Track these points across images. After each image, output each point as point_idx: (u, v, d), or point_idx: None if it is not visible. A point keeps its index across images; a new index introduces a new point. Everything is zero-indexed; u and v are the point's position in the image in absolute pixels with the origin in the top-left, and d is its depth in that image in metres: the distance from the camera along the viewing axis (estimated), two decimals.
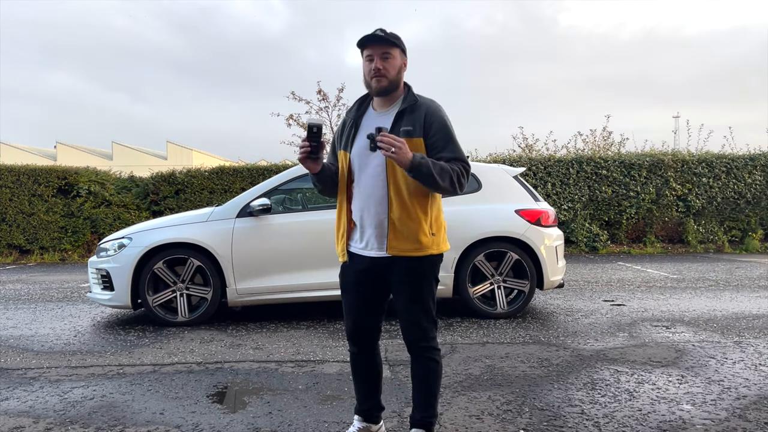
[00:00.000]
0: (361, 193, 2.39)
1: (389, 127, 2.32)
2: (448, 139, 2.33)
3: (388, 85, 2.34)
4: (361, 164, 2.38)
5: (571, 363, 3.87)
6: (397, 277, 2.38)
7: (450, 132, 2.35)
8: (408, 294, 2.38)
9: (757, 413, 2.94)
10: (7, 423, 2.94)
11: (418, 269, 2.37)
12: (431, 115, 2.33)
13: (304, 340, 4.59)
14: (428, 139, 2.33)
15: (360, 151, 2.38)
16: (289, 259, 5.20)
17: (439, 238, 2.40)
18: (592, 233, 12.23)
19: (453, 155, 2.32)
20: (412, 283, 2.37)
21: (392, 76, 2.34)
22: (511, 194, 5.61)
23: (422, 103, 2.37)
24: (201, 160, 32.06)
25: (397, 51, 2.35)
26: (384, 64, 2.31)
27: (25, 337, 4.88)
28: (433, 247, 2.37)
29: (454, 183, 2.27)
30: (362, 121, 2.44)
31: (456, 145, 2.35)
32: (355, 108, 2.48)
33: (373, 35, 2.32)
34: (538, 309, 5.82)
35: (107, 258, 5.26)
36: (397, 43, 2.34)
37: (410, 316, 2.39)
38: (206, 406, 3.14)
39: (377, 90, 2.36)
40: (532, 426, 2.80)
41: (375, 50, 2.33)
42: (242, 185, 12.04)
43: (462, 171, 2.31)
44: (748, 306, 5.86)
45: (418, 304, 2.38)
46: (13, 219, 12.16)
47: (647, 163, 12.27)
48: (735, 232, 12.54)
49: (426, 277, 2.38)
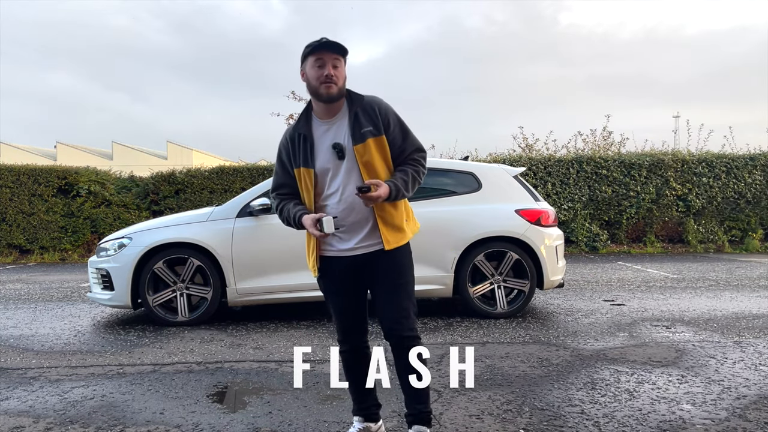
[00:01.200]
0: (342, 200, 2.38)
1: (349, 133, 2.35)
2: (405, 132, 2.44)
3: (337, 92, 2.34)
4: (333, 174, 2.38)
5: (571, 363, 3.87)
6: (384, 269, 2.41)
7: (403, 124, 2.45)
8: (394, 283, 2.41)
9: (757, 413, 2.94)
10: (7, 423, 2.94)
11: (403, 260, 2.44)
12: (384, 111, 2.40)
13: (304, 340, 4.59)
14: (388, 135, 2.40)
15: (326, 163, 2.38)
16: (289, 258, 5.20)
17: (411, 222, 2.51)
18: (592, 233, 12.23)
19: (413, 147, 2.45)
20: (398, 274, 2.42)
21: (341, 84, 2.35)
22: (511, 194, 5.61)
23: (369, 100, 2.41)
24: (201, 160, 32.05)
25: (344, 60, 2.39)
26: (335, 72, 2.32)
27: (25, 337, 4.88)
28: (409, 233, 2.48)
29: (418, 182, 2.44)
30: (314, 134, 2.41)
31: (411, 136, 2.46)
32: (303, 123, 2.44)
33: (327, 42, 2.32)
34: (538, 309, 5.82)
35: (107, 258, 5.26)
36: (346, 52, 2.37)
37: (398, 306, 2.40)
38: (206, 406, 3.14)
39: (327, 96, 2.33)
40: (532, 426, 2.80)
41: (327, 57, 2.31)
42: (242, 185, 12.05)
43: (422, 163, 2.47)
44: (748, 306, 5.86)
45: (406, 297, 2.42)
46: (13, 219, 12.16)
47: (647, 163, 12.28)
48: (735, 231, 12.54)
49: (409, 266, 2.46)
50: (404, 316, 2.40)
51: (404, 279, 2.43)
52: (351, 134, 2.36)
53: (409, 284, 2.45)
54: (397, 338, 2.42)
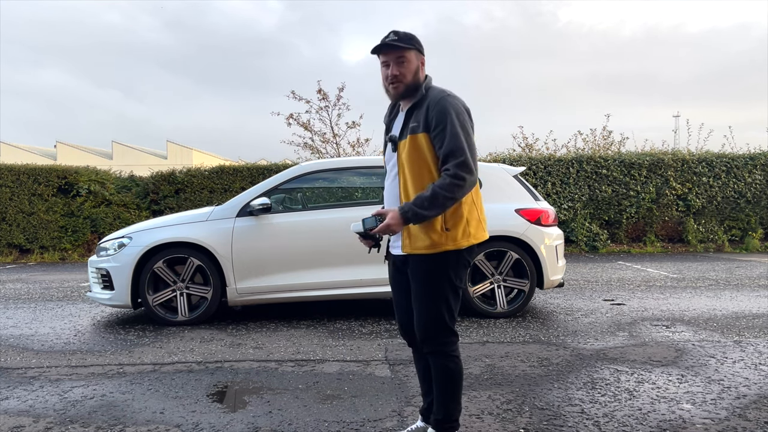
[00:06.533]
0: (387, 192, 2.45)
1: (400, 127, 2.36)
2: (444, 133, 2.21)
3: (404, 90, 2.32)
4: (389, 166, 2.44)
5: (571, 362, 3.87)
6: (411, 275, 2.37)
7: (447, 124, 2.21)
8: (416, 293, 2.34)
9: (757, 412, 2.94)
10: (7, 422, 2.94)
11: (429, 268, 2.29)
12: (432, 108, 2.24)
13: (304, 340, 4.59)
14: (431, 134, 2.25)
15: (388, 153, 2.44)
16: (289, 258, 5.20)
17: (456, 232, 2.27)
18: (592, 232, 12.23)
19: (447, 150, 2.20)
20: (421, 282, 2.31)
21: (409, 80, 2.30)
22: (511, 193, 5.61)
23: (428, 96, 2.31)
24: (201, 160, 32.06)
25: (412, 53, 2.30)
26: (400, 69, 2.29)
27: (25, 337, 4.88)
28: (448, 242, 2.26)
29: (447, 197, 2.18)
30: (393, 123, 2.48)
31: (451, 139, 2.19)
32: (388, 112, 2.53)
33: (384, 43, 2.29)
34: (538, 308, 5.82)
35: (107, 257, 5.26)
36: (410, 45, 2.30)
37: (418, 316, 2.34)
38: (206, 406, 3.14)
39: (395, 96, 2.36)
40: (532, 425, 2.80)
41: (389, 56, 2.30)
42: (242, 185, 12.04)
43: (453, 176, 2.17)
44: (748, 305, 5.86)
45: (424, 307, 2.31)
46: (13, 218, 12.16)
47: (647, 163, 12.27)
48: (735, 231, 12.53)
49: (435, 277, 2.28)
50: (420, 327, 2.34)
51: (425, 289, 2.30)
52: (402, 128, 2.34)
53: (428, 296, 2.29)
54: (423, 347, 2.39)
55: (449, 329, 2.33)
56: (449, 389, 2.36)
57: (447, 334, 2.33)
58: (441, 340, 2.33)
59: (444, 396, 2.36)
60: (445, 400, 2.37)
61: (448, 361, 2.34)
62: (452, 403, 2.37)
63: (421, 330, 2.34)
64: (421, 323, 2.34)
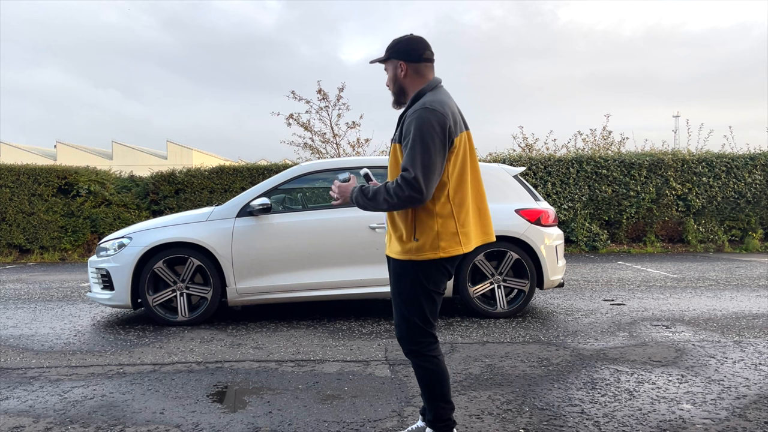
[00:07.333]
0: None
1: None
2: (407, 148, 2.22)
3: (394, 96, 2.48)
4: None
5: (571, 362, 3.87)
6: (389, 276, 2.46)
7: (410, 139, 2.21)
8: (392, 294, 2.41)
9: (757, 412, 2.94)
10: (7, 422, 2.94)
11: (400, 272, 2.35)
12: (408, 120, 2.27)
13: (304, 340, 4.59)
14: (402, 144, 2.29)
15: None
16: (289, 258, 5.21)
17: (425, 243, 2.27)
18: (592, 233, 12.23)
19: (402, 164, 2.21)
20: (394, 284, 2.39)
21: (392, 88, 2.47)
22: (511, 194, 5.61)
23: (412, 107, 2.31)
24: (201, 160, 32.09)
25: (389, 63, 2.44)
26: (387, 79, 2.49)
27: (25, 337, 4.88)
28: (415, 253, 2.28)
29: (386, 200, 2.22)
30: None
31: (410, 153, 2.19)
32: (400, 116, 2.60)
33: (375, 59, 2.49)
34: (538, 308, 5.82)
35: (107, 257, 5.26)
36: (386, 56, 2.43)
37: (394, 316, 2.43)
38: (206, 406, 3.14)
39: (392, 101, 2.51)
40: (532, 425, 2.80)
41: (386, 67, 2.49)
42: (242, 185, 12.04)
43: (397, 184, 2.19)
44: (748, 305, 5.86)
45: (398, 309, 2.38)
46: (13, 218, 12.16)
47: (647, 163, 12.27)
48: (735, 231, 12.54)
49: (406, 281, 2.32)
50: (395, 326, 2.42)
51: (397, 290, 2.37)
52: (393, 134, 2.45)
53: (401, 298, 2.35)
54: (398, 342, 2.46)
55: (424, 331, 2.35)
56: (432, 389, 2.38)
57: (422, 335, 2.35)
58: (415, 340, 2.36)
59: (429, 396, 2.39)
60: (431, 400, 2.39)
61: (425, 361, 2.36)
62: (440, 403, 2.39)
63: (396, 329, 2.41)
64: (396, 323, 2.41)
